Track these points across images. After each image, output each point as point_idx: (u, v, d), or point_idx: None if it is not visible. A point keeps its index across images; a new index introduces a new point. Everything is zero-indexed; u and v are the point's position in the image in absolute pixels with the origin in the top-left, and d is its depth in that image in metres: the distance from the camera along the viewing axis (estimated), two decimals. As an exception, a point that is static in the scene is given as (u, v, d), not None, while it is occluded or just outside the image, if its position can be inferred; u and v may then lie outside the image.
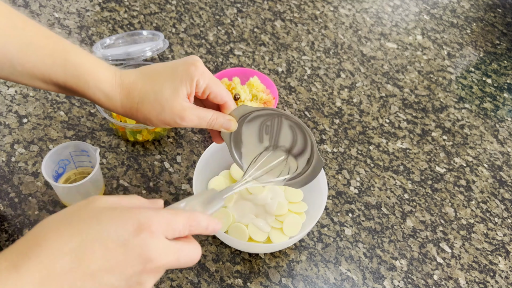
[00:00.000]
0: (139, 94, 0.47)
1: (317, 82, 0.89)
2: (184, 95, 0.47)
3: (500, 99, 0.93)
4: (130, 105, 0.47)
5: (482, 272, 0.67)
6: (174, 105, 0.46)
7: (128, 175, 0.70)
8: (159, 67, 0.49)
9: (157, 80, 0.47)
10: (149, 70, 0.49)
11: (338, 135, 0.81)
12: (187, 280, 0.60)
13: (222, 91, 0.49)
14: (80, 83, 0.46)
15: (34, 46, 0.44)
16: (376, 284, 0.63)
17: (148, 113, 0.47)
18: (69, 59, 0.45)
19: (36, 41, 0.44)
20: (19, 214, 0.64)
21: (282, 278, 0.62)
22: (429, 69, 0.96)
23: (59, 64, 0.45)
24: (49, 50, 0.45)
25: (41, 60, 0.44)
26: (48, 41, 0.45)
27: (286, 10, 1.03)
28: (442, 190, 0.76)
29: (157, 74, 0.47)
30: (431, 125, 0.85)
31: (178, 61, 0.49)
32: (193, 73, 0.46)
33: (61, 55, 0.45)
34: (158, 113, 0.47)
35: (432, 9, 1.11)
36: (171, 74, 0.47)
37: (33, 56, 0.44)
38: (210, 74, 0.48)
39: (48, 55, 0.44)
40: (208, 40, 0.93)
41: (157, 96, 0.46)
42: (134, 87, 0.47)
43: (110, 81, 0.47)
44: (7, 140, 0.71)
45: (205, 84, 0.48)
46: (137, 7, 0.97)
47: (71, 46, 0.46)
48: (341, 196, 0.72)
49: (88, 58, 0.46)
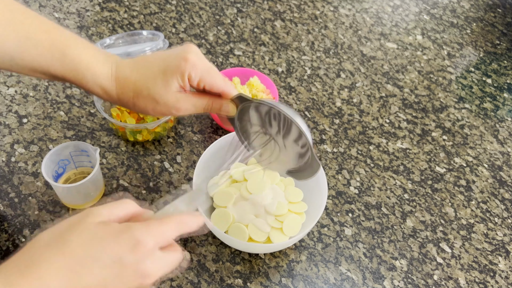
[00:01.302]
0: (134, 89, 0.47)
1: (317, 82, 0.89)
2: (177, 87, 0.47)
3: (500, 99, 0.93)
4: (126, 99, 0.48)
5: (482, 272, 0.67)
6: (167, 98, 0.47)
7: (128, 175, 0.70)
8: (153, 59, 0.48)
9: (150, 74, 0.47)
10: (143, 63, 0.48)
11: (338, 135, 0.80)
12: (187, 280, 0.60)
13: (216, 82, 0.48)
14: (78, 77, 0.46)
15: (32, 40, 0.44)
16: (376, 284, 0.63)
17: (145, 106, 0.48)
18: (67, 53, 0.45)
19: (35, 36, 0.44)
20: (19, 214, 0.64)
21: (282, 278, 0.62)
22: (429, 69, 0.96)
23: (57, 58, 0.45)
24: (48, 44, 0.45)
25: (39, 55, 0.45)
26: (47, 35, 0.45)
27: (286, 10, 1.03)
28: (442, 190, 0.76)
29: (150, 68, 0.47)
30: (431, 125, 0.85)
31: (172, 52, 0.48)
32: (183, 67, 0.46)
33: (59, 49, 0.45)
34: (154, 106, 0.47)
35: (432, 9, 1.11)
36: (163, 69, 0.46)
37: (32, 50, 0.44)
38: (204, 65, 0.47)
39: (46, 50, 0.45)
40: (208, 40, 0.93)
41: (150, 91, 0.47)
42: (128, 81, 0.47)
43: (107, 75, 0.47)
44: (7, 140, 0.71)
45: (198, 77, 0.47)
46: (137, 7, 0.97)
47: (70, 39, 0.46)
48: (341, 196, 0.72)
49: (86, 51, 0.47)
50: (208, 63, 0.48)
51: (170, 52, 0.48)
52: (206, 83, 0.48)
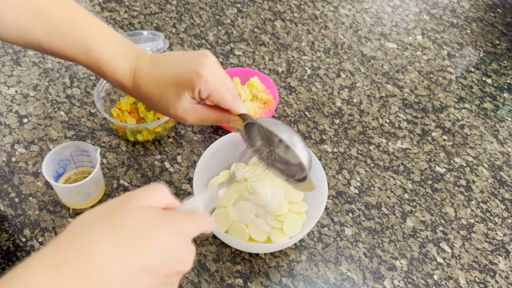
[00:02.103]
0: (147, 94, 0.50)
1: (317, 82, 0.89)
2: (188, 98, 0.48)
3: (500, 99, 0.93)
4: (140, 98, 0.52)
5: (482, 272, 0.67)
6: (177, 108, 0.49)
7: (129, 175, 0.70)
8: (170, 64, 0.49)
9: (163, 83, 0.49)
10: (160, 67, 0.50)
11: (338, 135, 0.81)
12: (188, 280, 0.60)
13: (224, 99, 0.49)
14: (100, 70, 0.50)
15: (59, 34, 0.48)
16: (376, 284, 0.63)
17: (156, 108, 0.51)
18: (92, 48, 0.49)
19: (62, 29, 0.48)
20: (20, 214, 0.64)
21: (282, 278, 0.62)
22: (429, 69, 0.96)
23: (82, 52, 0.49)
24: (73, 38, 0.48)
25: (65, 46, 0.49)
26: (73, 29, 0.48)
27: (286, 10, 1.03)
28: (442, 190, 0.76)
29: (164, 76, 0.49)
30: (431, 125, 0.86)
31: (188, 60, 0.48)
32: (195, 81, 0.47)
33: (84, 44, 0.49)
34: (163, 110, 0.50)
35: (432, 9, 1.11)
36: (176, 80, 0.48)
37: (58, 42, 0.48)
38: (215, 82, 0.48)
39: (72, 43, 0.48)
40: (208, 40, 0.93)
41: (161, 98, 0.49)
42: (143, 86, 0.50)
43: (125, 73, 0.50)
44: (7, 140, 0.71)
45: (207, 93, 0.48)
46: (137, 7, 0.97)
47: (96, 31, 0.49)
48: (341, 196, 0.72)
49: (110, 46, 0.50)
50: (221, 78, 0.49)
51: (187, 59, 0.49)
52: (214, 99, 0.49)
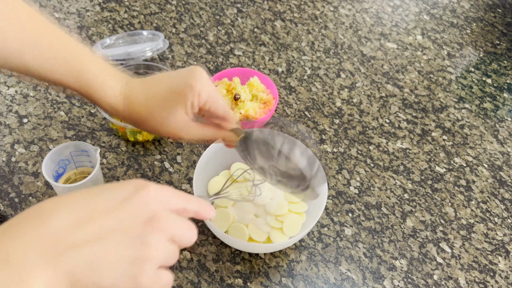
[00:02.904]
0: (139, 114, 0.50)
1: (317, 82, 0.89)
2: (180, 114, 0.49)
3: (500, 99, 0.93)
4: (133, 121, 0.51)
5: (482, 272, 0.67)
6: (170, 126, 0.49)
7: (129, 175, 0.70)
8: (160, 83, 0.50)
9: (155, 102, 0.49)
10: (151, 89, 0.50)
11: (338, 135, 0.81)
12: (187, 280, 0.60)
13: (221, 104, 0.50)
14: (89, 94, 0.49)
15: (51, 59, 0.46)
16: (376, 284, 0.63)
17: (150, 129, 0.51)
18: (82, 72, 0.48)
19: (53, 54, 0.46)
20: (20, 214, 0.64)
21: (282, 278, 0.62)
22: (429, 69, 0.96)
23: (73, 75, 0.48)
24: (64, 61, 0.47)
25: (55, 71, 0.47)
26: (65, 53, 0.47)
27: (286, 10, 1.03)
28: (442, 190, 0.76)
29: (156, 96, 0.49)
30: (431, 125, 0.86)
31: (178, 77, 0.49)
32: (187, 94, 0.47)
33: (75, 66, 0.47)
34: (158, 130, 0.50)
35: (432, 9, 1.11)
36: (167, 95, 0.48)
37: (47, 65, 0.47)
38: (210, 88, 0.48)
39: (62, 67, 0.47)
40: (208, 40, 0.93)
41: (153, 116, 0.49)
42: (135, 106, 0.50)
43: (117, 97, 0.50)
44: (7, 140, 0.71)
45: (203, 101, 0.48)
46: (137, 7, 0.97)
47: (85, 55, 0.48)
48: (341, 196, 0.72)
49: (100, 72, 0.49)
50: (214, 87, 0.49)
51: (178, 76, 0.49)
52: (211, 106, 0.49)
